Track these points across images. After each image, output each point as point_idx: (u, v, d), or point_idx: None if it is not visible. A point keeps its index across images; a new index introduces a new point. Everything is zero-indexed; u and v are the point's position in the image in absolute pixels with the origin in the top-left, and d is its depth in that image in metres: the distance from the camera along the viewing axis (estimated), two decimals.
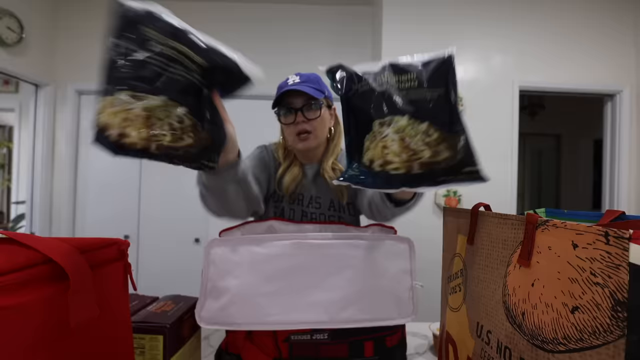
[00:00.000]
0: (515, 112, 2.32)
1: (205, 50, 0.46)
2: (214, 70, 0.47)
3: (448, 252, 0.60)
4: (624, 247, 0.27)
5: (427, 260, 1.02)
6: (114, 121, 0.42)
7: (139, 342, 0.52)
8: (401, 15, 2.31)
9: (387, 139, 0.48)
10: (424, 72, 0.50)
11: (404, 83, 0.50)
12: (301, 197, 0.90)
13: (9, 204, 3.67)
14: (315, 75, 0.87)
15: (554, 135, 4.51)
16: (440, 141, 0.47)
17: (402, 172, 0.47)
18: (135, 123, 0.42)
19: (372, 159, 0.49)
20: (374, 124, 0.50)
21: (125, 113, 0.42)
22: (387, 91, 0.50)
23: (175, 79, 0.44)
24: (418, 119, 0.48)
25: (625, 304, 0.27)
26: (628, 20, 2.39)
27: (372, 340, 0.60)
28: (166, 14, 0.47)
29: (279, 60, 2.65)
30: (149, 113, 0.42)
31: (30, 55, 2.37)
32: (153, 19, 0.45)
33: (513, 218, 0.41)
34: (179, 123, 0.44)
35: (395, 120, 0.48)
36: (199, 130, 0.47)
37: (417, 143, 0.47)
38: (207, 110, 0.48)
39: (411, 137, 0.47)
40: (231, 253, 0.58)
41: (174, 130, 0.44)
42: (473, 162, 0.48)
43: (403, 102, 0.49)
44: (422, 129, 0.47)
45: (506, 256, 0.41)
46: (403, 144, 0.47)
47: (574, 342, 0.30)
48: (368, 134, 0.50)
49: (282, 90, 0.83)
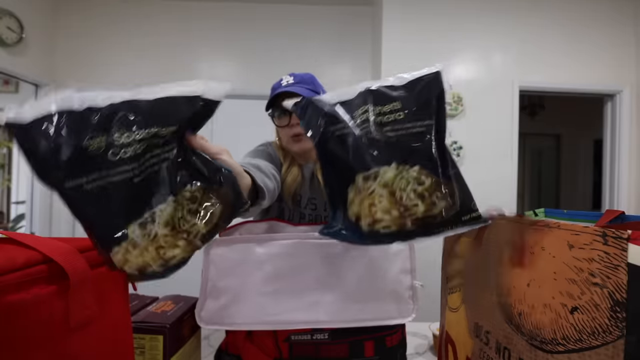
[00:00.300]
0: (515, 112, 2.32)
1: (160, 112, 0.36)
2: (182, 125, 0.38)
3: (447, 252, 0.60)
4: (623, 248, 0.27)
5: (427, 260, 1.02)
6: (133, 258, 0.35)
7: (139, 342, 0.52)
8: (401, 15, 2.31)
9: (374, 195, 0.41)
10: (409, 97, 0.44)
11: (387, 116, 0.44)
12: (299, 198, 0.90)
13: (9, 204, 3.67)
14: (309, 76, 0.86)
15: (554, 135, 4.51)
16: (434, 189, 0.41)
17: (394, 229, 0.41)
18: (154, 246, 0.35)
19: (358, 216, 0.42)
20: (357, 178, 0.42)
21: (147, 242, 0.35)
22: (368, 133, 0.43)
23: (162, 169, 0.36)
24: (407, 163, 0.42)
25: (624, 305, 0.27)
26: (628, 21, 2.39)
27: (372, 340, 0.60)
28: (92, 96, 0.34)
29: (279, 60, 2.66)
30: (172, 224, 0.36)
31: (30, 55, 2.38)
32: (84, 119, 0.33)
33: (511, 220, 0.41)
34: (194, 204, 0.37)
35: (382, 172, 0.41)
36: (216, 190, 0.39)
37: (408, 196, 0.40)
38: (200, 164, 0.39)
39: (401, 189, 0.41)
40: (231, 253, 0.58)
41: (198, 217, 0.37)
42: (472, 208, 0.42)
43: (388, 145, 0.42)
44: (412, 175, 0.41)
45: (504, 257, 0.41)
46: (393, 199, 0.41)
47: (573, 342, 0.30)
48: (351, 185, 0.43)
49: (275, 92, 0.82)
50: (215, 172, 0.40)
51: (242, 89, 2.54)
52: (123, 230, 0.34)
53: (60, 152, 0.31)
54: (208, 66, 2.74)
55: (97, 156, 0.32)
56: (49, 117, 0.31)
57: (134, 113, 0.34)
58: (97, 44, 2.65)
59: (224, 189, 0.40)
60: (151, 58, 2.66)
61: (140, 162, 0.34)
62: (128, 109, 0.34)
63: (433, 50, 2.32)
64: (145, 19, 2.68)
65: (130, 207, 0.34)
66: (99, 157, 0.32)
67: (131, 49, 2.67)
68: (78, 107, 0.33)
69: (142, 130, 0.34)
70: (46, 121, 0.31)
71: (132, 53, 2.67)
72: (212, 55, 2.72)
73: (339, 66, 2.71)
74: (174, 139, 0.37)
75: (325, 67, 2.68)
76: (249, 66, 2.69)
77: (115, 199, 0.33)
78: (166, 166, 0.36)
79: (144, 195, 0.35)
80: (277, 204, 0.91)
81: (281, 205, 0.91)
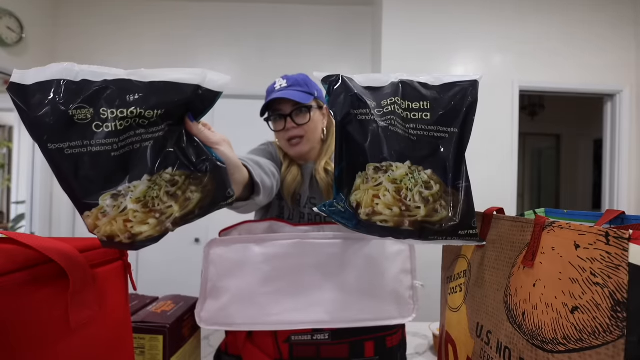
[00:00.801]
0: (515, 112, 2.33)
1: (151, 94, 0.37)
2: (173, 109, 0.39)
3: (449, 252, 0.60)
4: (624, 248, 0.27)
5: (427, 260, 1.02)
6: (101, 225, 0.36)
7: (139, 342, 0.52)
8: (401, 15, 2.31)
9: (380, 187, 0.41)
10: (440, 100, 0.43)
11: (413, 113, 0.43)
12: (298, 198, 0.90)
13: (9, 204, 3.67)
14: (303, 77, 0.85)
15: (554, 135, 4.51)
16: (440, 197, 0.41)
17: (390, 225, 0.41)
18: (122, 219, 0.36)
19: (359, 203, 0.42)
20: (368, 167, 0.42)
21: (116, 214, 0.36)
22: (391, 125, 0.42)
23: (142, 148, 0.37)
24: (421, 165, 0.41)
25: (624, 304, 0.27)
26: (628, 20, 2.39)
27: (372, 341, 0.60)
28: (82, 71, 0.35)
29: (279, 60, 2.66)
30: (143, 201, 0.37)
31: (30, 55, 2.38)
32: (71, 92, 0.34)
33: (524, 221, 0.41)
34: (173, 187, 0.38)
35: (394, 168, 0.41)
36: (200, 178, 0.40)
37: (413, 197, 0.40)
38: (191, 151, 0.40)
39: (408, 189, 0.41)
40: (231, 253, 0.58)
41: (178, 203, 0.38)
42: (471, 225, 0.42)
43: (406, 143, 0.42)
44: (422, 178, 0.41)
45: (512, 258, 0.41)
46: (397, 196, 0.41)
47: (574, 342, 0.30)
48: (361, 172, 0.42)
49: (269, 97, 0.82)
50: (203, 160, 0.41)
51: (241, 89, 2.54)
52: (96, 198, 0.36)
53: (49, 115, 0.33)
54: (208, 66, 2.73)
55: (81, 126, 0.34)
56: (48, 82, 0.34)
57: (124, 92, 0.36)
58: (97, 44, 2.65)
59: (207, 178, 0.41)
60: (151, 58, 2.66)
61: (121, 139, 0.36)
62: (119, 87, 0.36)
63: (433, 50, 2.32)
64: (145, 19, 2.68)
65: (105, 178, 0.36)
66: (83, 127, 0.35)
67: (131, 49, 2.67)
68: (75, 78, 0.35)
69: (126, 109, 0.36)
70: (44, 85, 0.34)
71: (132, 53, 2.67)
72: (212, 54, 2.72)
73: (338, 66, 2.70)
74: (163, 122, 0.38)
75: (325, 67, 2.68)
76: (249, 66, 2.69)
77: (93, 167, 0.35)
78: (149, 146, 0.38)
79: (121, 169, 0.36)
80: (277, 202, 0.91)
81: (281, 203, 0.91)
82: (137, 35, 2.68)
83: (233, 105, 2.48)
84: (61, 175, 0.35)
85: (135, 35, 2.68)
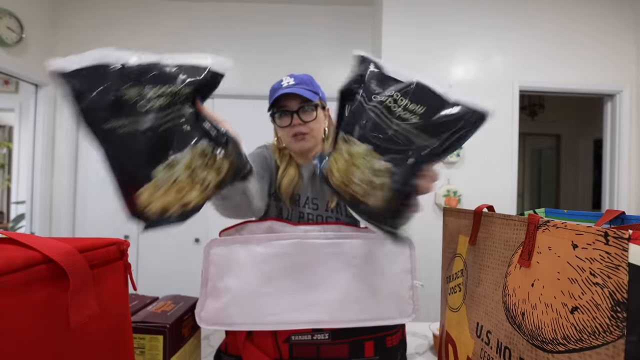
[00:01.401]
0: (515, 112, 2.32)
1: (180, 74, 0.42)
2: (196, 90, 0.43)
3: (448, 252, 0.60)
4: (624, 248, 0.27)
5: (427, 260, 1.02)
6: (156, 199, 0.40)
7: (139, 342, 0.52)
8: (401, 15, 2.30)
9: (339, 154, 0.47)
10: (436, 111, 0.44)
11: (406, 112, 0.44)
12: (297, 198, 0.90)
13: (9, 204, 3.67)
14: (308, 77, 0.87)
15: (554, 135, 4.51)
16: (380, 189, 0.43)
17: (335, 189, 0.48)
18: (175, 189, 0.40)
19: (330, 161, 0.49)
20: (339, 134, 0.48)
21: (170, 185, 0.40)
22: (378, 114, 0.45)
23: (179, 124, 0.41)
24: (383, 156, 0.43)
25: (624, 304, 0.27)
26: (628, 20, 2.39)
27: (372, 341, 0.60)
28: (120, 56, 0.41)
29: (278, 60, 2.65)
30: (188, 171, 0.40)
31: (30, 55, 2.37)
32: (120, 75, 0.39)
33: (516, 219, 0.41)
34: (205, 157, 0.42)
35: (355, 143, 0.45)
36: (223, 150, 0.44)
37: (358, 176, 0.44)
38: (208, 126, 0.44)
39: (357, 166, 0.44)
40: (231, 253, 0.58)
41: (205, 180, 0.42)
42: (394, 224, 0.46)
43: (381, 132, 0.44)
44: (376, 166, 0.43)
45: (507, 256, 0.41)
46: (347, 168, 0.45)
47: (574, 342, 0.30)
48: (338, 138, 0.49)
49: (277, 93, 0.83)
50: (220, 134, 0.45)
51: (241, 88, 2.54)
52: (149, 172, 0.39)
53: (102, 97, 0.37)
54: None
55: (128, 105, 0.38)
56: (94, 67, 0.38)
57: (162, 73, 0.41)
58: (97, 44, 2.63)
59: (228, 149, 0.45)
60: None
61: (164, 114, 0.39)
62: (158, 69, 0.41)
63: (433, 51, 2.31)
64: (145, 20, 2.68)
65: (155, 153, 0.39)
66: (129, 106, 0.38)
67: (131, 49, 2.67)
68: (114, 63, 0.39)
69: (167, 87, 0.40)
70: (91, 71, 0.38)
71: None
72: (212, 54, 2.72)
73: (338, 66, 2.70)
74: (189, 101, 0.42)
75: (325, 67, 2.68)
76: (248, 66, 2.68)
77: (142, 143, 0.38)
78: (182, 122, 0.41)
79: (166, 144, 0.40)
80: (274, 203, 0.91)
81: (279, 204, 0.91)
82: (136, 36, 2.68)
83: (231, 105, 2.48)
84: (115, 154, 0.39)
85: (135, 35, 2.68)
